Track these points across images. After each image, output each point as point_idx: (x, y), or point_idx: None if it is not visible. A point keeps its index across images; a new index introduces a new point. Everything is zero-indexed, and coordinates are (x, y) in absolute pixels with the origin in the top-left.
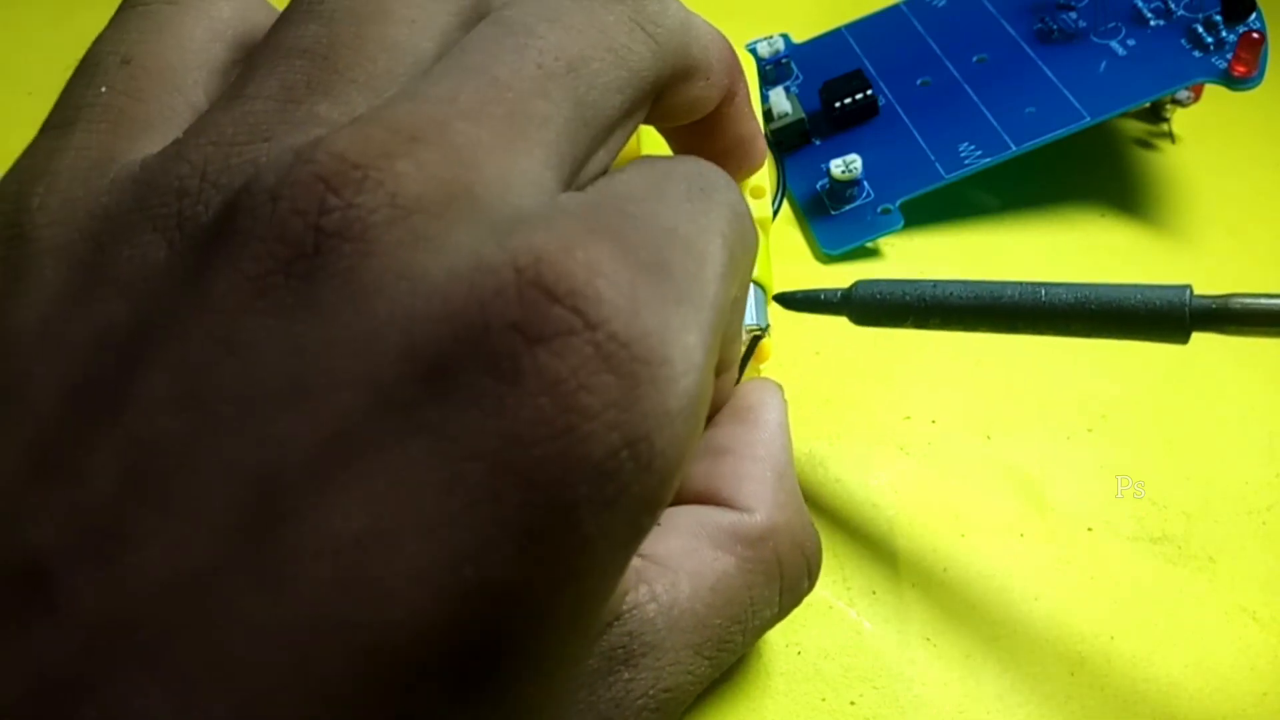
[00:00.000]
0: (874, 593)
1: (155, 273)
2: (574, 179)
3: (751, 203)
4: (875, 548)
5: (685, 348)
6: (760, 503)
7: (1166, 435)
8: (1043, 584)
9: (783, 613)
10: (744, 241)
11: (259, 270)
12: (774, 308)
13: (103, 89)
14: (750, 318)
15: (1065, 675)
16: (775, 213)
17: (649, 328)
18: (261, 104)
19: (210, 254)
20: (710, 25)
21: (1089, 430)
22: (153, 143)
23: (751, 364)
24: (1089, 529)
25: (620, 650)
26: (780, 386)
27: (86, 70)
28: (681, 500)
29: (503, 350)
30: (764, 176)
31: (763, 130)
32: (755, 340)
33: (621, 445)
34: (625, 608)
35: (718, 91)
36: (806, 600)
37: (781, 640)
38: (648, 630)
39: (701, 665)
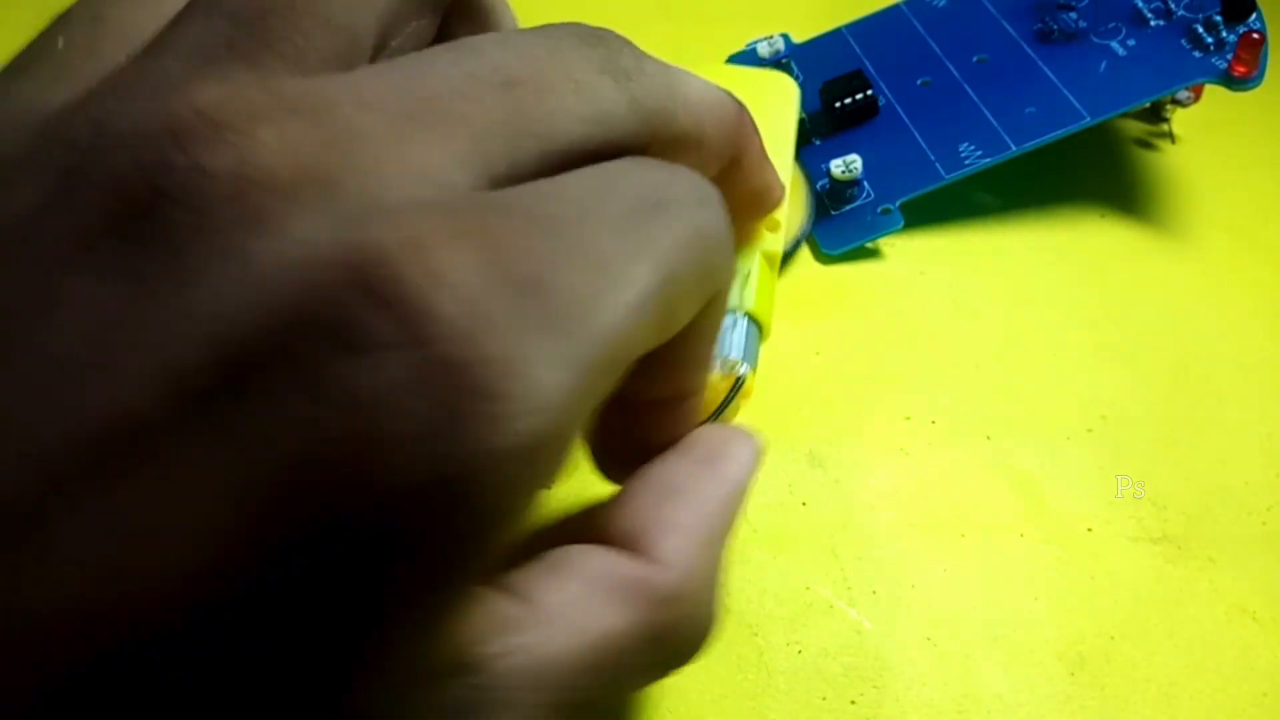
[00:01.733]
0: (874, 592)
1: (13, 221)
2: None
3: (765, 236)
4: (875, 548)
5: (536, 383)
6: (680, 561)
7: (1166, 435)
8: (1043, 584)
9: (652, 683)
10: (702, 266)
11: (87, 222)
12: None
13: (61, 42)
14: (735, 352)
15: (1065, 675)
16: (796, 248)
17: (489, 354)
18: (171, 61)
19: (54, 200)
20: (708, 86)
21: (1089, 430)
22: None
23: (735, 400)
24: (1089, 529)
25: (465, 705)
26: (761, 445)
27: (57, 23)
28: (599, 533)
29: (308, 356)
30: (781, 210)
31: (791, 159)
32: (740, 380)
33: (429, 483)
34: (478, 658)
35: (715, 162)
36: (808, 600)
37: (782, 639)
38: (503, 685)
39: None
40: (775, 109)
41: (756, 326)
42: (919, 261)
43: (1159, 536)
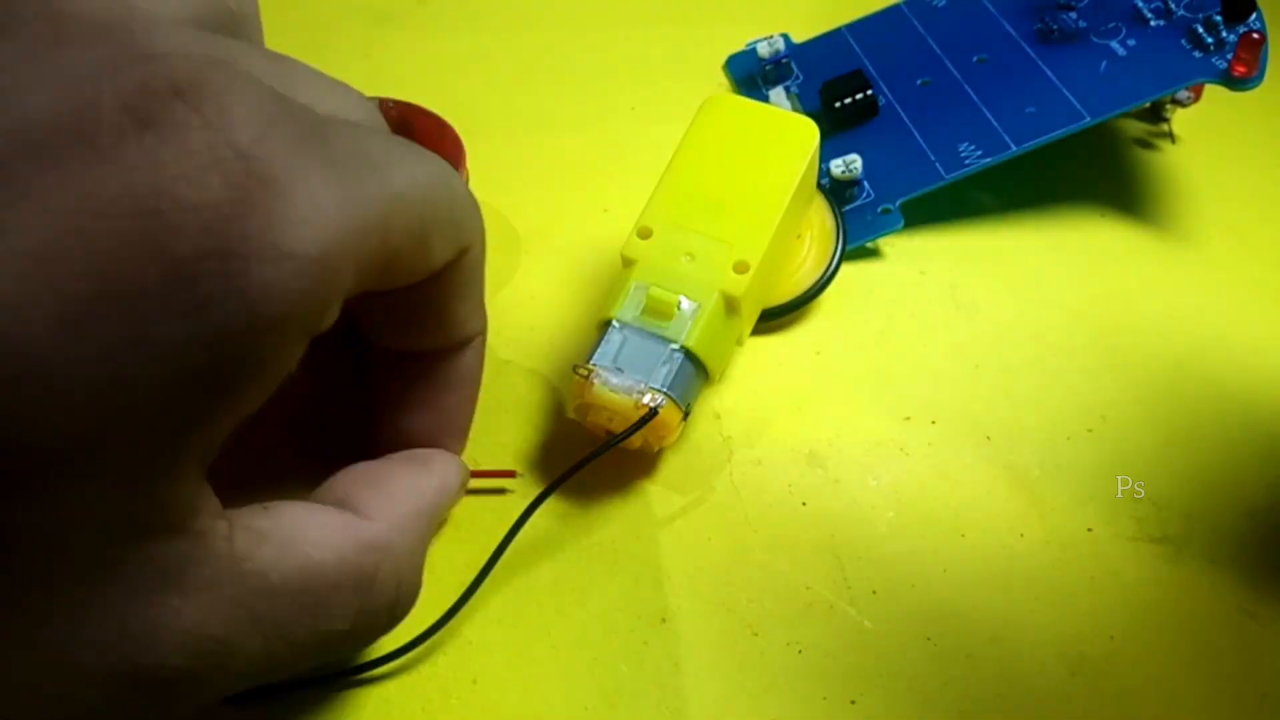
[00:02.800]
0: (874, 592)
1: None
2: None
3: (730, 276)
4: (875, 548)
5: (314, 198)
6: (384, 516)
7: (1166, 435)
8: (1043, 584)
9: (350, 639)
10: (450, 209)
11: None
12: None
13: None
14: (656, 382)
15: (1065, 675)
16: (820, 289)
17: (275, 153)
18: None
19: None
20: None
21: (1089, 430)
22: None
23: (649, 439)
24: (1089, 529)
25: (172, 566)
26: (463, 468)
27: None
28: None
29: (108, 125)
30: (755, 252)
31: (810, 198)
32: (653, 411)
33: (211, 252)
34: (192, 526)
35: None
36: (807, 599)
37: (783, 639)
38: (208, 564)
39: (254, 640)
40: (789, 153)
41: (695, 365)
42: (919, 261)
43: (1159, 536)
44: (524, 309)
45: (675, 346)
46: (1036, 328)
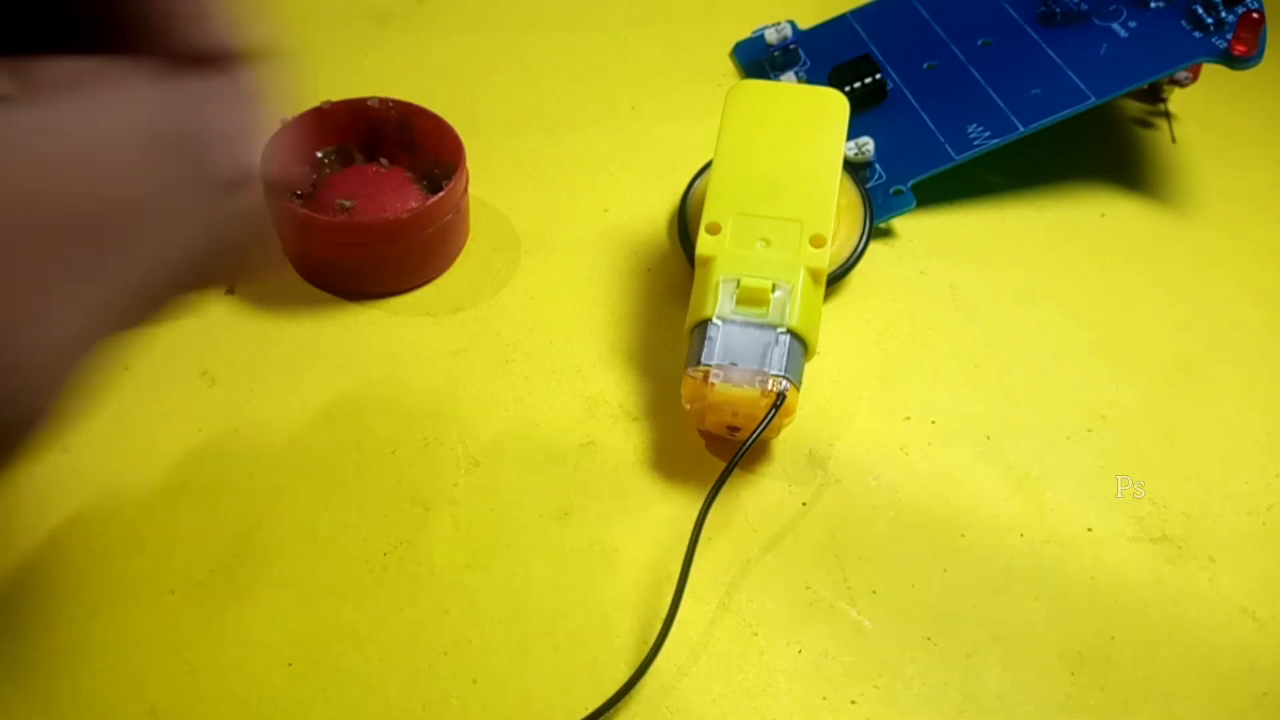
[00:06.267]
0: (874, 592)
1: None
2: None
3: (810, 251)
4: (875, 548)
5: None
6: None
7: (1166, 435)
8: (1043, 584)
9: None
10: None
11: None
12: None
13: None
14: (775, 368)
15: (1065, 675)
16: (852, 266)
17: None
18: None
19: None
20: None
21: (1089, 430)
22: None
23: (777, 417)
24: (1089, 529)
25: None
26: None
27: None
28: None
29: None
30: (827, 224)
31: (839, 174)
32: (780, 396)
33: None
34: None
35: None
36: (807, 599)
37: (783, 639)
38: None
39: None
40: (827, 124)
41: (800, 344)
42: (919, 261)
43: (1159, 536)
44: (524, 309)
45: (781, 330)
46: (1036, 328)
